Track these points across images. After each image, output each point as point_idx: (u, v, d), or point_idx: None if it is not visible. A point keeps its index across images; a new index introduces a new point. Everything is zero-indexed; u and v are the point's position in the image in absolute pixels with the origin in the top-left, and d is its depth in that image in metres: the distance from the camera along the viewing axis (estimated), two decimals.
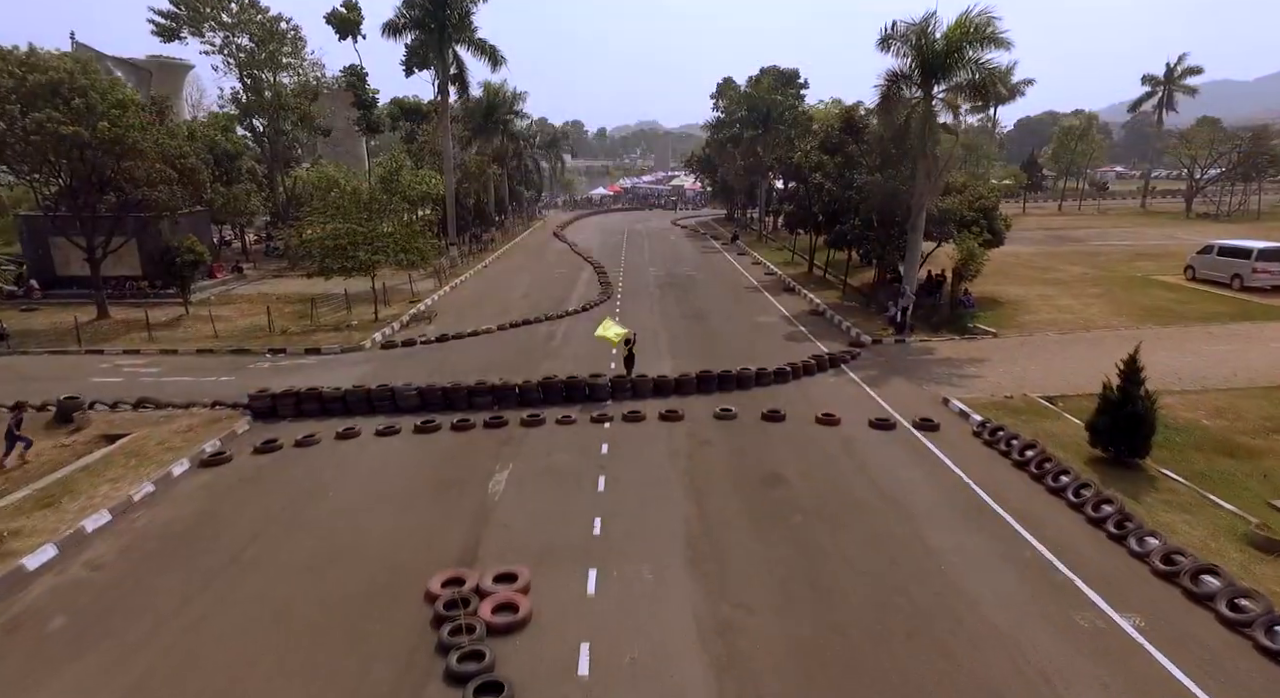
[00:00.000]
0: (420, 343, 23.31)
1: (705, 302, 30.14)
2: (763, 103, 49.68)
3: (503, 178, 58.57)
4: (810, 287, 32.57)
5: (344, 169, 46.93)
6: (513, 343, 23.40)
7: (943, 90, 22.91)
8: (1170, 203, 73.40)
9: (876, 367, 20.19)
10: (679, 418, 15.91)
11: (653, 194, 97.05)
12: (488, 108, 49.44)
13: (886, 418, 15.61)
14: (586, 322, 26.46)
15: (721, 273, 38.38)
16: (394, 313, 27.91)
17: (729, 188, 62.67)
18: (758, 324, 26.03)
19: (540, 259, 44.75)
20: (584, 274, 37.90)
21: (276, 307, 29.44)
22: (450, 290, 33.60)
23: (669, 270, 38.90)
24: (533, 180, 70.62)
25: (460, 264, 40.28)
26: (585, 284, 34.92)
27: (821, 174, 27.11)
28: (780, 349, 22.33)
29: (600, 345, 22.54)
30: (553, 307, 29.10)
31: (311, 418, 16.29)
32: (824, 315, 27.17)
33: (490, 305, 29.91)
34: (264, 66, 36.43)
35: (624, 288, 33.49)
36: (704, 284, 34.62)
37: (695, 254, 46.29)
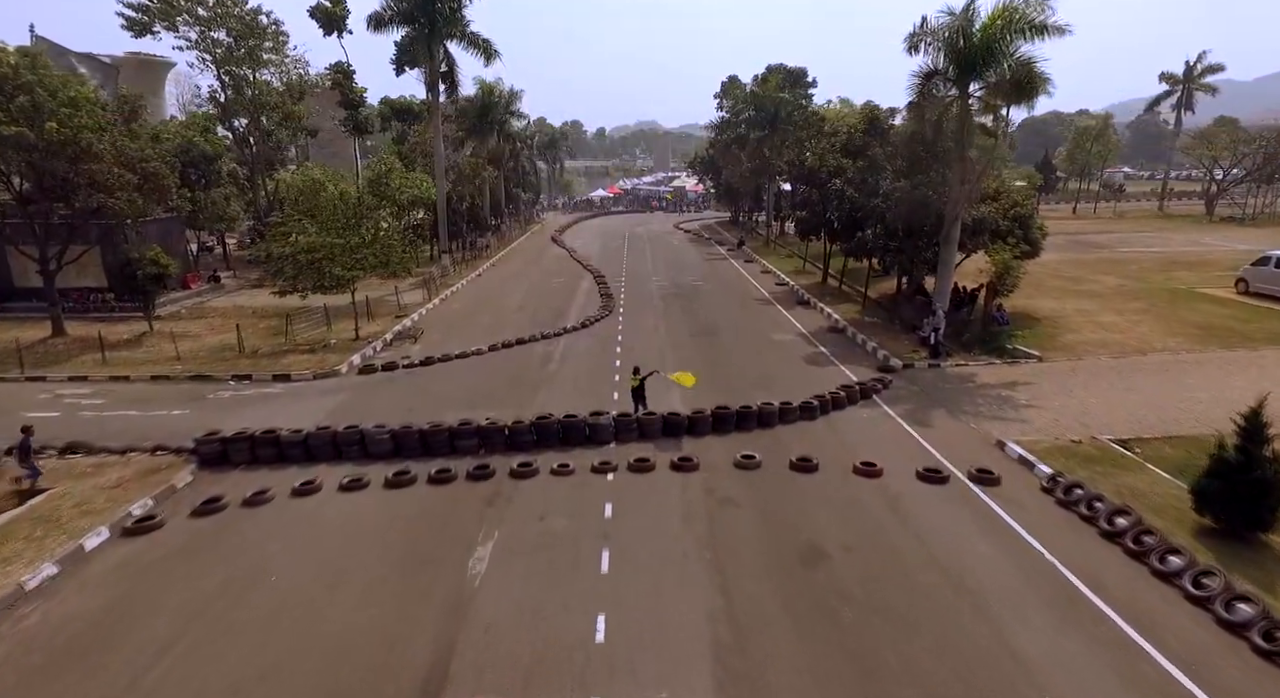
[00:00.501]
0: (403, 367, 21.06)
1: (714, 316, 27.90)
2: (770, 102, 47.45)
3: (499, 180, 56.32)
4: (826, 299, 30.33)
5: (330, 172, 44.81)
6: (504, 367, 21.15)
7: (980, 88, 20.69)
8: (1187, 205, 71.26)
9: (912, 397, 17.95)
10: (694, 468, 13.67)
11: (653, 196, 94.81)
12: (482, 107, 47.19)
13: (936, 468, 13.37)
14: (587, 340, 24.23)
15: (729, 282, 36.15)
16: (377, 330, 25.66)
17: (733, 190, 60.47)
18: (774, 343, 23.78)
19: (538, 266, 42.49)
20: (584, 283, 35.66)
21: (251, 322, 27.24)
22: (440, 302, 31.35)
23: (674, 279, 36.67)
24: (530, 183, 68.37)
25: (452, 272, 38.04)
26: (585, 295, 32.68)
27: (842, 179, 24.88)
28: (801, 374, 20.11)
29: (602, 370, 20.31)
30: (550, 322, 26.87)
31: (268, 465, 14.04)
32: (845, 333, 24.93)
33: (482, 320, 27.66)
34: (243, 63, 34.21)
35: (626, 299, 31.26)
36: (712, 295, 32.38)
37: (700, 261, 44.06)
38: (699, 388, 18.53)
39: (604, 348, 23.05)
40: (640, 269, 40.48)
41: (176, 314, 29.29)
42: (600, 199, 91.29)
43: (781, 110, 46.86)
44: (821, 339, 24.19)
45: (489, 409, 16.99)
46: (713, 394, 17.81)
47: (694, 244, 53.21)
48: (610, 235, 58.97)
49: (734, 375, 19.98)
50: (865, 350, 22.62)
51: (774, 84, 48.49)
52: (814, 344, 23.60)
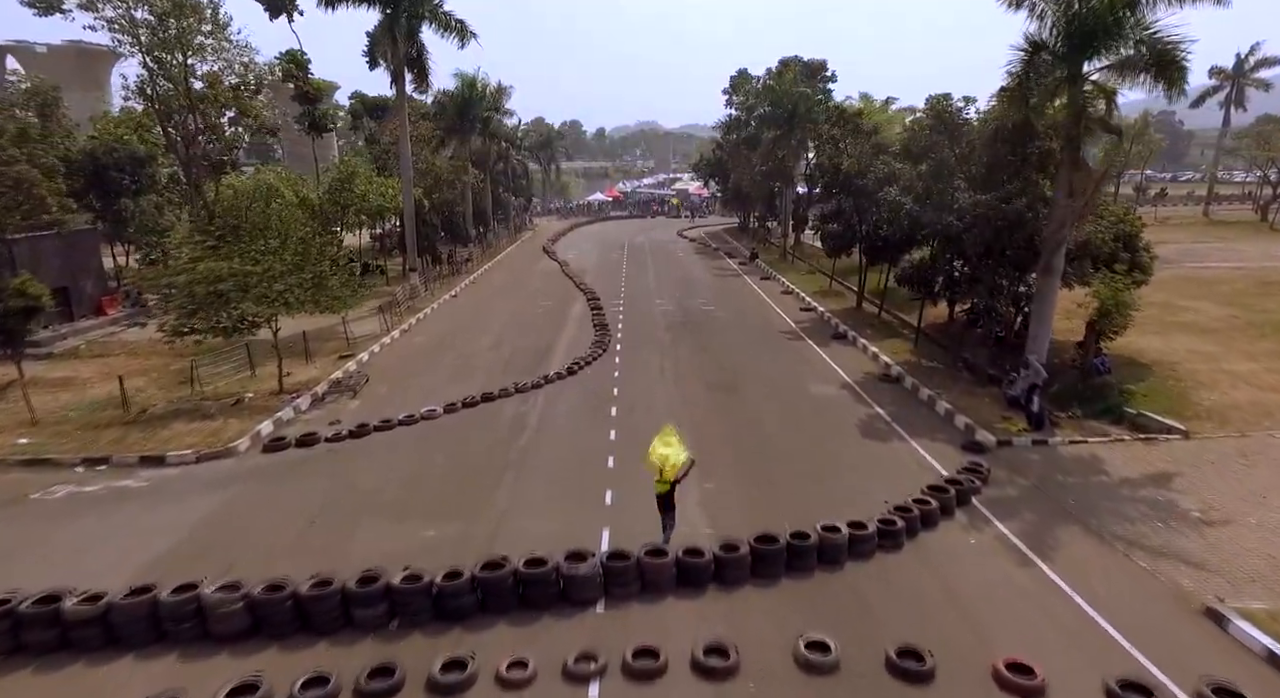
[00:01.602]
0: (325, 440, 15.73)
1: (734, 356, 22.58)
2: (787, 98, 42.18)
3: (485, 184, 51.05)
4: (867, 331, 25.03)
5: (289, 175, 39.53)
6: (459, 442, 15.82)
7: (1100, 69, 15.40)
8: (1233, 210, 66.03)
9: (1027, 501, 12.67)
10: (730, 670, 8.34)
11: (655, 199, 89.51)
12: (463, 103, 41.92)
13: (1137, 681, 8.03)
14: (574, 394, 18.91)
15: (746, 307, 30.82)
16: (311, 377, 20.38)
17: (743, 195, 55.18)
18: (814, 400, 18.46)
19: (524, 285, 37.16)
20: (574, 308, 30.35)
21: (163, 363, 22.03)
22: (401, 335, 26.02)
23: (680, 303, 31.34)
24: (521, 186, 63.09)
25: (423, 294, 32.74)
26: (575, 324, 27.36)
27: (899, 187, 19.59)
28: (861, 455, 14.83)
29: (592, 448, 15.01)
30: (529, 365, 21.59)
31: (42, 655, 8.73)
32: (901, 383, 19.64)
33: (446, 362, 22.34)
34: (173, 48, 29.00)
35: (624, 331, 25.94)
36: (727, 326, 27.04)
37: (710, 278, 38.73)
38: (724, 477, 13.32)
39: (595, 409, 17.74)
40: (641, 288, 35.17)
41: (75, 351, 24.00)
42: (598, 203, 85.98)
43: (801, 106, 41.59)
44: (874, 393, 18.85)
45: (425, 520, 11.84)
46: (742, 489, 12.66)
47: (701, 256, 47.89)
48: (608, 245, 53.66)
49: (770, 455, 14.69)
50: (935, 413, 17.31)
51: (791, 78, 43.22)
52: (866, 401, 18.26)
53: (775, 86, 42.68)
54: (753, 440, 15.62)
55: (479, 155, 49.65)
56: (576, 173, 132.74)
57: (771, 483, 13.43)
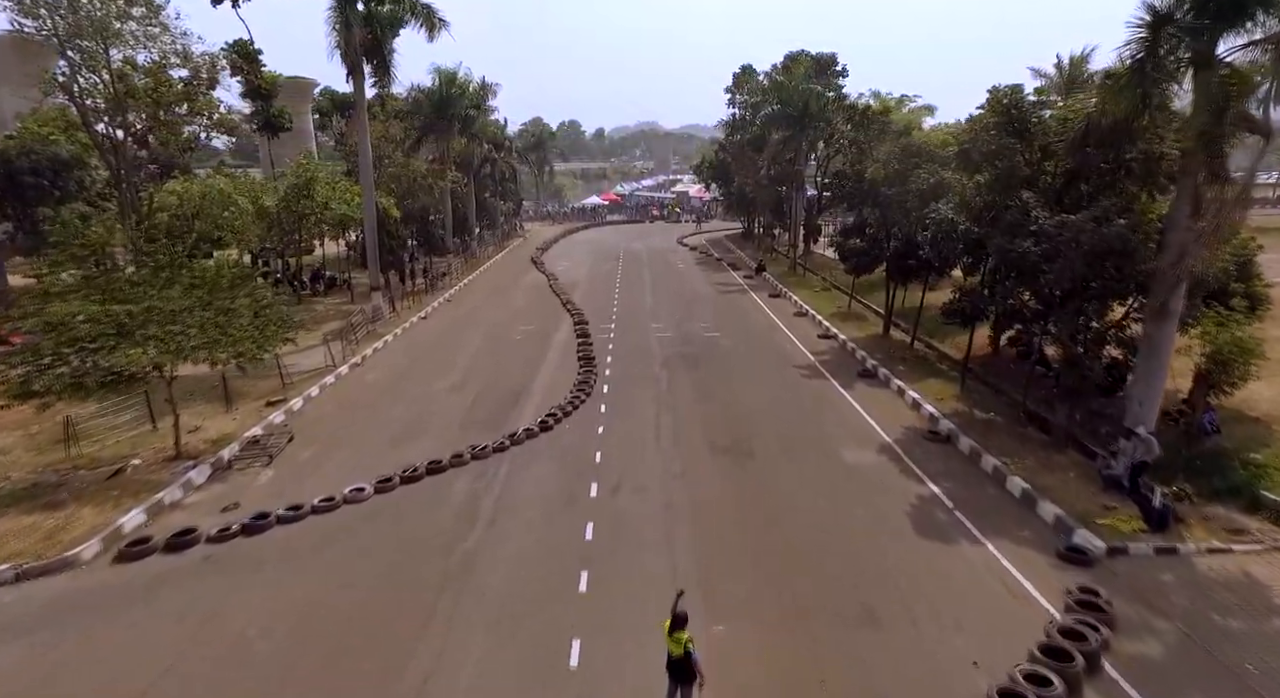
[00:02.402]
0: (207, 539, 11.83)
1: (743, 402, 18.68)
2: (797, 96, 38.29)
3: (468, 188, 47.16)
4: (899, 367, 21.15)
5: (245, 180, 35.61)
6: (385, 545, 11.89)
7: (1244, 46, 11.51)
8: None
9: (1183, 667, 8.77)
10: None
11: (653, 203, 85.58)
12: (441, 100, 38.05)
13: None
14: (545, 459, 15.01)
15: (756, 332, 26.91)
16: (224, 432, 16.52)
17: (747, 200, 51.33)
18: (849, 474, 14.53)
19: (505, 303, 33.27)
20: (558, 334, 26.45)
21: (53, 411, 18.06)
22: (351, 370, 22.13)
23: (680, 326, 27.44)
24: (510, 190, 59.20)
25: (388, 315, 28.84)
26: (558, 355, 23.49)
27: (951, 202, 15.69)
28: (923, 567, 10.92)
29: (561, 572, 11.06)
30: (496, 414, 17.73)
31: None
32: (955, 443, 15.75)
33: (395, 412, 18.42)
34: (95, 36, 25.21)
35: (614, 366, 22.06)
36: (734, 359, 23.13)
37: (712, 294, 34.83)
38: (739, 611, 9.48)
39: (569, 488, 13.83)
40: (636, 307, 31.28)
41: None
42: (594, 207, 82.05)
43: (812, 104, 37.71)
44: (923, 460, 14.94)
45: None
46: (765, 634, 8.72)
47: (702, 267, 43.98)
48: (602, 254, 49.75)
49: (801, 566, 10.80)
50: (1007, 493, 13.41)
51: (802, 73, 39.34)
52: (915, 473, 14.35)
53: (784, 82, 38.81)
54: (775, 541, 11.71)
55: (463, 157, 45.83)
56: (574, 174, 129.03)
57: (807, 625, 9.53)
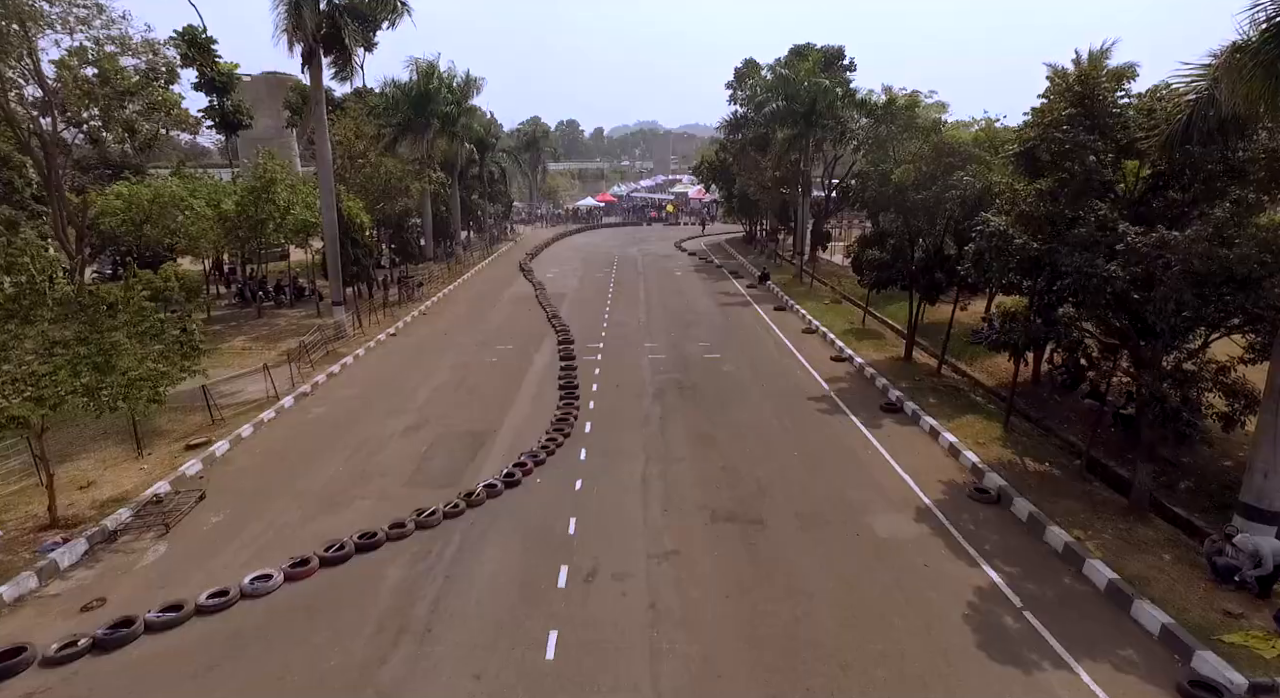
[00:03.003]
0: (41, 663, 8.93)
1: (750, 448, 15.79)
2: (805, 91, 35.40)
3: (452, 191, 44.25)
4: (929, 399, 18.28)
5: (204, 181, 32.72)
6: (276, 666, 9.02)
7: None
8: None
9: None
10: None
11: (651, 205, 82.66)
12: (419, 96, 35.16)
13: None
14: (505, 533, 12.08)
15: (761, 353, 24.00)
16: (122, 489, 13.64)
17: (749, 202, 48.43)
18: (883, 552, 11.63)
19: (485, 318, 30.39)
20: (540, 355, 23.58)
21: None
22: (296, 402, 19.25)
23: (676, 347, 24.56)
24: (500, 193, 56.29)
25: (352, 332, 25.95)
26: (536, 383, 20.61)
27: (1011, 212, 12.77)
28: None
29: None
30: (452, 466, 14.86)
31: None
32: (1011, 508, 12.87)
33: (333, 462, 15.48)
34: (12, 16, 22.31)
35: (599, 398, 19.18)
36: (738, 388, 20.23)
37: (713, 307, 31.94)
38: None
39: (532, 572, 10.95)
40: (628, 322, 28.39)
41: None
42: (589, 210, 79.11)
43: (821, 100, 34.83)
44: (974, 533, 12.05)
45: None
46: None
47: (701, 275, 41.07)
48: (595, 260, 46.87)
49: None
50: (1090, 586, 10.53)
51: (809, 68, 36.44)
52: (967, 552, 11.46)
53: (790, 77, 35.91)
54: (795, 669, 8.82)
55: (447, 158, 42.95)
56: (572, 174, 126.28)
57: None
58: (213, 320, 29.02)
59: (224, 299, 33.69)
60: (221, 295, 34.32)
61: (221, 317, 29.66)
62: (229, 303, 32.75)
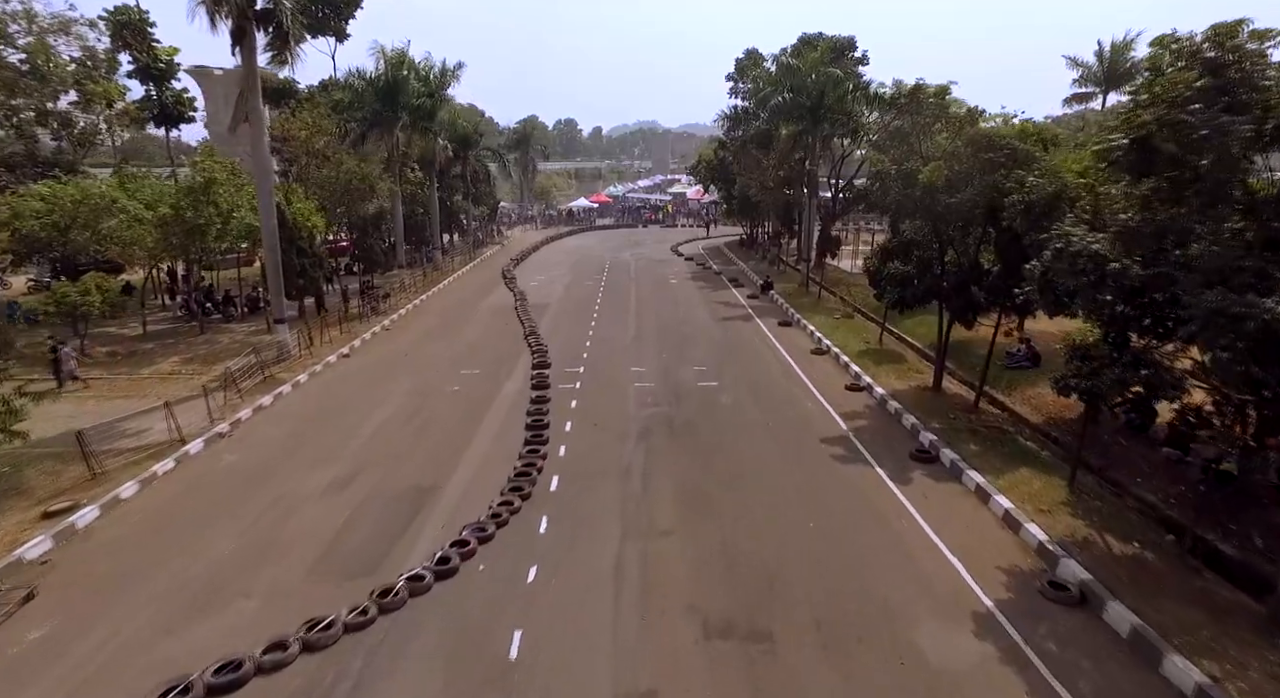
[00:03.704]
0: None
1: (754, 519, 12.60)
2: (812, 83, 32.21)
3: (430, 191, 41.04)
4: (968, 444, 15.10)
5: (147, 181, 29.53)
6: None
7: None
8: None
9: None
10: None
11: (647, 206, 79.45)
12: (388, 87, 31.98)
13: None
14: (425, 655, 8.75)
15: (766, 382, 20.79)
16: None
17: (750, 204, 45.21)
18: (938, 690, 8.46)
19: (454, 335, 27.19)
20: (510, 382, 20.39)
21: None
22: (206, 446, 16.05)
23: (668, 372, 21.37)
24: (485, 193, 53.08)
25: (296, 354, 22.75)
26: (500, 420, 17.41)
27: (1095, 223, 9.57)
28: None
29: None
30: (374, 542, 11.66)
31: None
32: (1103, 617, 9.69)
33: (229, 530, 12.27)
34: None
35: (572, 438, 15.99)
36: (738, 427, 17.01)
37: (710, 320, 28.74)
38: None
39: None
40: (615, 341, 25.19)
41: None
42: (582, 211, 75.86)
43: (830, 92, 31.65)
44: (1067, 667, 8.82)
45: None
46: None
47: (698, 283, 37.86)
48: (584, 266, 43.70)
49: None
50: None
51: (817, 59, 33.26)
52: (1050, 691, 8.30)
53: (797, 67, 32.72)
54: None
55: (425, 156, 39.75)
56: (569, 174, 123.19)
57: None
58: (147, 337, 25.90)
59: (171, 311, 30.51)
60: (168, 307, 31.13)
61: (158, 333, 26.48)
62: (175, 316, 29.57)
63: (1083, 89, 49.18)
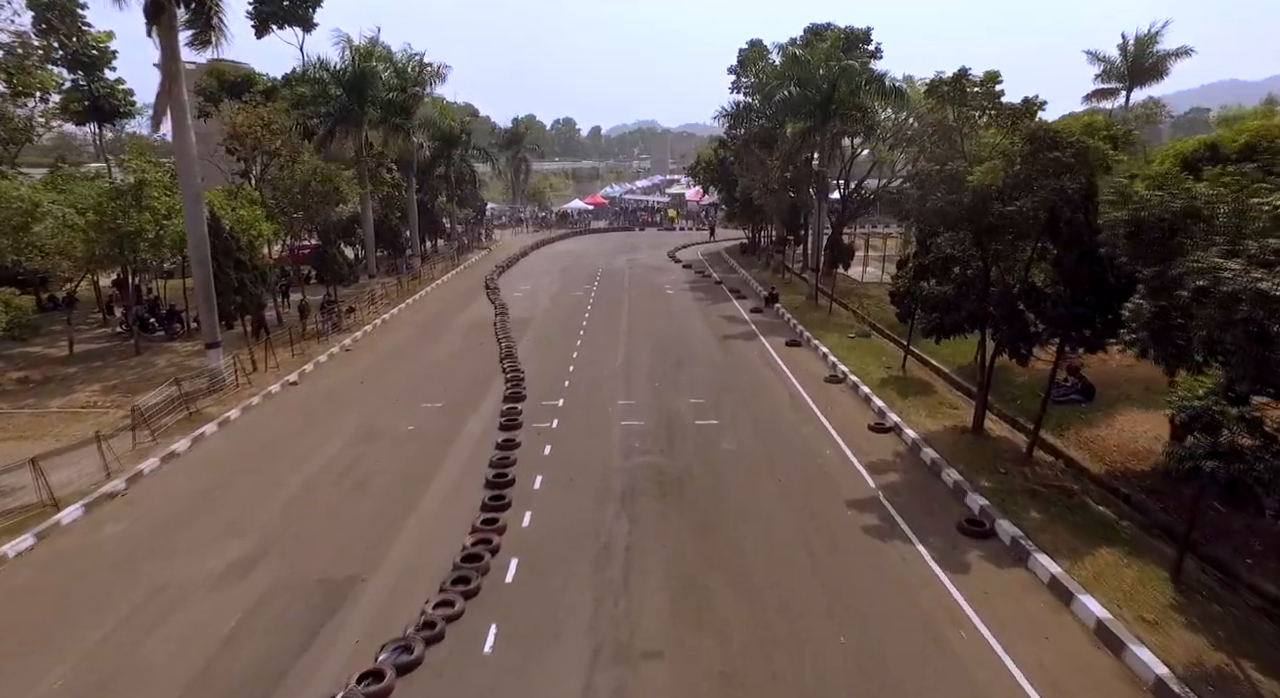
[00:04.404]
0: None
1: (763, 618, 9.64)
2: (822, 76, 29.22)
3: (408, 194, 38.05)
4: (1028, 508, 12.13)
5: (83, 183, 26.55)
6: None
7: None
8: None
9: None
10: None
11: (644, 208, 76.45)
12: (354, 79, 29.02)
13: None
14: None
15: (775, 419, 17.78)
16: None
17: (753, 207, 42.20)
18: None
19: (420, 357, 24.22)
20: (475, 420, 17.40)
21: None
22: (91, 509, 13.07)
23: (661, 403, 18.38)
24: (472, 195, 50.09)
25: (232, 383, 19.76)
26: (457, 469, 14.45)
27: (1252, 254, 6.72)
28: None
29: None
30: (261, 666, 8.66)
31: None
32: None
33: (79, 638, 9.29)
34: None
35: (540, 499, 12.99)
36: (744, 486, 14.02)
37: (709, 338, 25.77)
38: None
39: None
40: (602, 365, 22.20)
41: None
42: (577, 213, 72.84)
43: (842, 85, 28.69)
44: None
45: None
46: None
47: (697, 294, 34.89)
48: (575, 273, 40.73)
49: None
50: None
51: (829, 47, 30.28)
52: None
53: (806, 58, 29.72)
54: None
55: (402, 155, 36.78)
56: (566, 174, 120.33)
57: None
58: (73, 359, 22.93)
59: (111, 327, 27.50)
60: (108, 322, 28.12)
61: (88, 353, 23.51)
62: (114, 333, 26.57)
63: (1105, 85, 46.29)
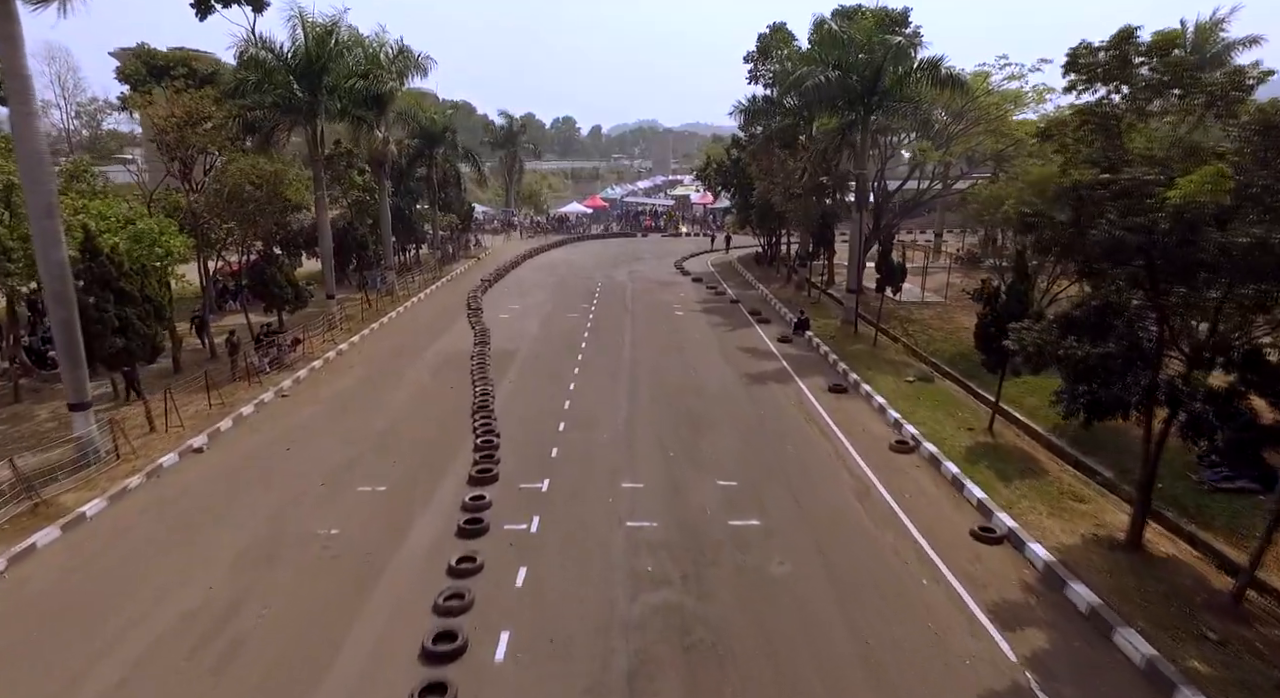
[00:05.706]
0: None
1: None
2: (864, 62, 24.39)
3: (380, 199, 33.23)
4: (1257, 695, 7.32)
5: None
6: None
7: None
8: None
9: None
10: None
11: (647, 211, 71.61)
12: (305, 63, 24.23)
13: None
14: None
15: (837, 516, 12.94)
16: None
17: (771, 214, 37.32)
18: None
19: (372, 409, 19.33)
20: (425, 517, 12.56)
21: None
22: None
23: (678, 491, 13.56)
24: (457, 199, 45.25)
25: (110, 456, 14.93)
26: (384, 615, 9.60)
27: None
28: None
29: None
30: None
31: None
32: None
33: None
34: None
35: (498, 688, 8.21)
36: (807, 639, 9.20)
37: (733, 381, 20.90)
38: None
39: None
40: (600, 423, 17.33)
41: None
42: (575, 217, 67.93)
43: (889, 71, 23.87)
44: None
45: None
46: None
47: (711, 316, 30.03)
48: (570, 289, 35.89)
49: None
50: None
51: (871, 24, 25.46)
52: None
53: (846, 37, 24.84)
54: None
55: (376, 155, 32.02)
56: (565, 174, 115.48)
57: None
58: None
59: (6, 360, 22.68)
60: None
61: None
62: (4, 368, 21.76)
63: None
